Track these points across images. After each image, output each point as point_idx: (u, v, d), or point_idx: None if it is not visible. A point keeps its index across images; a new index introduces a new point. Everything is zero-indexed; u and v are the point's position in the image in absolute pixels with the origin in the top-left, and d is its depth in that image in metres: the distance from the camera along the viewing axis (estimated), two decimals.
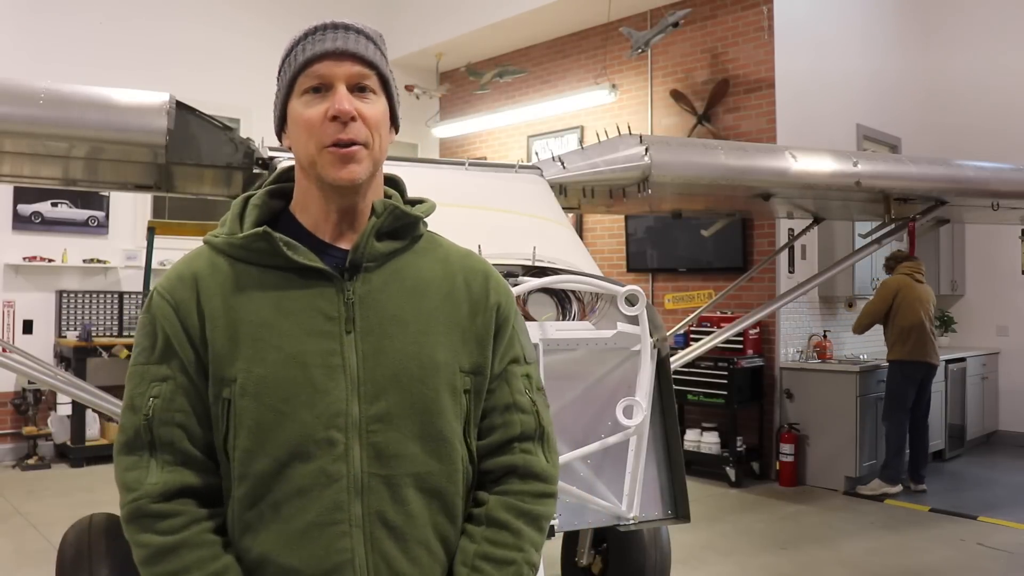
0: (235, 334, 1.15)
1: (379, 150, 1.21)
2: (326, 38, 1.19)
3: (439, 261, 1.29)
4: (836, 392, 6.04)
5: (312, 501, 1.12)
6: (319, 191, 1.21)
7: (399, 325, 1.20)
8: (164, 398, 1.15)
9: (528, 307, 2.57)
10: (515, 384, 1.29)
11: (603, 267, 4.88)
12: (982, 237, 8.10)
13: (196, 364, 1.16)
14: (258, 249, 1.19)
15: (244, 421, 1.13)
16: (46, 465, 6.37)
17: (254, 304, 1.17)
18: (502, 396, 1.27)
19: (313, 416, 1.13)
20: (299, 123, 1.19)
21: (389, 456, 1.15)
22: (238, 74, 7.38)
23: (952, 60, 8.39)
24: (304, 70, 1.19)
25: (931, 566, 4.38)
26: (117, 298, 6.89)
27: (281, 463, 1.12)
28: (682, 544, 4.16)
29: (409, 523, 1.16)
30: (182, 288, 1.19)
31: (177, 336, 1.17)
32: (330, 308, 1.18)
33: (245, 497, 1.14)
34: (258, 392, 1.13)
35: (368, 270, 1.21)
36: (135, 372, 1.20)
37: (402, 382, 1.17)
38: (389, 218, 1.23)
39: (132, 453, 1.16)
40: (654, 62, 7.17)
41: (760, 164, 3.77)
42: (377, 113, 1.20)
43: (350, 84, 1.18)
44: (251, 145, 2.97)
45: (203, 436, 1.17)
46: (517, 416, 1.27)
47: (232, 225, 1.23)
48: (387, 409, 1.16)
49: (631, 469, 2.47)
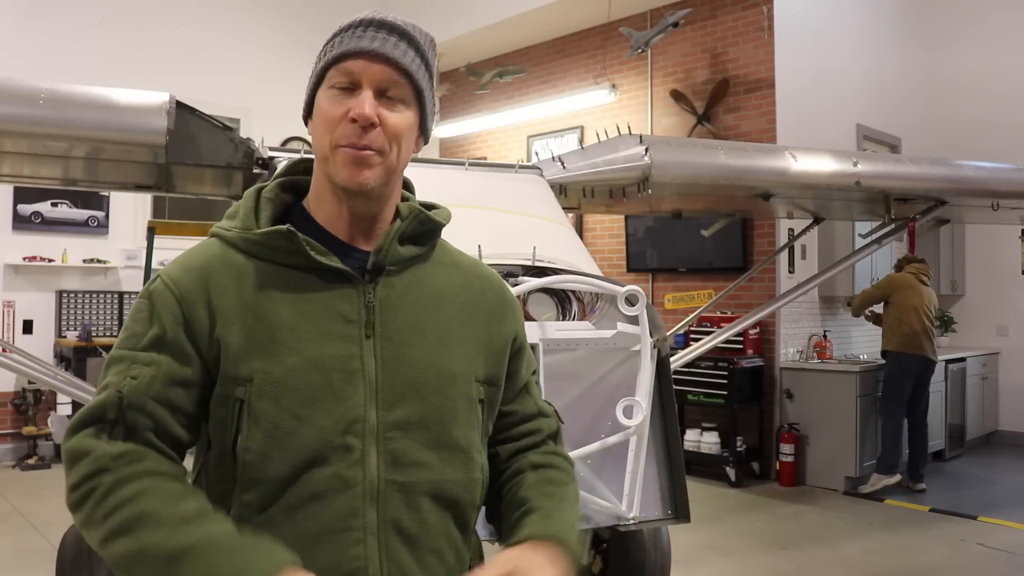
0: (251, 333, 1.11)
1: (396, 159, 1.16)
2: (365, 36, 1.13)
3: (454, 270, 1.27)
4: (836, 392, 6.04)
5: (327, 506, 1.09)
6: (332, 190, 1.18)
7: (418, 333, 1.18)
8: (143, 382, 1.08)
9: (528, 307, 2.56)
10: (536, 393, 1.35)
11: (603, 267, 4.86)
12: (982, 237, 8.10)
13: (194, 360, 1.11)
14: (278, 247, 1.15)
15: (261, 423, 1.09)
16: (46, 465, 6.37)
17: (272, 303, 1.13)
18: (529, 406, 1.32)
19: (332, 421, 1.10)
20: (321, 117, 1.15)
21: (406, 464, 1.13)
22: (238, 74, 7.38)
23: (952, 60, 8.39)
24: (335, 64, 1.14)
25: (931, 566, 4.38)
26: (117, 298, 6.89)
27: (298, 468, 1.09)
28: (682, 544, 4.15)
29: (424, 531, 1.14)
30: (189, 279, 1.14)
31: (175, 329, 1.11)
32: (350, 311, 1.15)
33: (256, 501, 1.09)
34: (277, 394, 1.09)
35: (390, 274, 1.19)
36: (117, 356, 1.12)
37: (420, 391, 1.15)
38: (414, 223, 1.21)
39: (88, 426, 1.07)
40: (654, 62, 7.17)
41: (760, 164, 3.77)
42: (400, 122, 1.15)
43: (379, 88, 1.13)
44: (251, 145, 2.97)
45: (173, 432, 1.10)
46: (544, 422, 1.34)
47: (247, 220, 1.18)
48: (405, 417, 1.14)
49: (631, 469, 2.47)
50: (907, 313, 5.92)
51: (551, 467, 1.28)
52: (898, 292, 5.98)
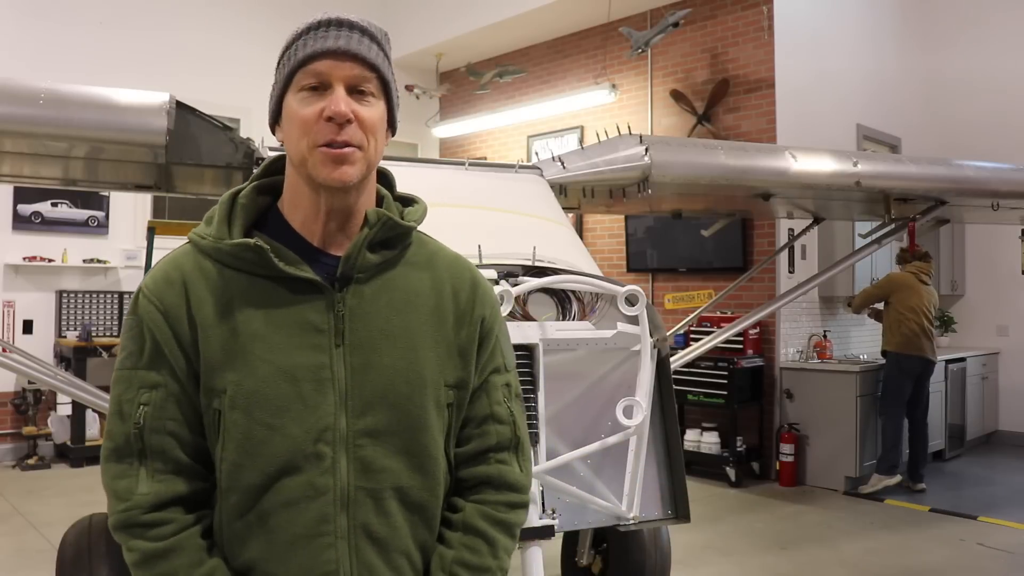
0: (226, 344, 1.14)
1: (374, 152, 1.19)
2: (328, 36, 1.16)
3: (428, 270, 1.27)
4: (836, 392, 6.04)
5: (299, 514, 1.13)
6: (309, 189, 1.19)
7: (388, 340, 1.19)
8: (155, 405, 1.14)
9: (528, 307, 2.56)
10: (494, 395, 1.30)
11: (603, 267, 4.86)
12: (982, 237, 8.10)
13: (187, 371, 1.15)
14: (247, 259, 1.17)
15: (233, 434, 1.12)
16: (46, 465, 6.37)
17: (244, 315, 1.15)
18: (481, 407, 1.28)
19: (303, 431, 1.13)
20: (294, 120, 1.17)
21: (375, 470, 1.16)
22: (238, 74, 7.37)
23: (952, 60, 8.39)
24: (303, 67, 1.16)
25: (931, 566, 4.38)
26: (117, 298, 6.90)
27: (270, 477, 1.12)
28: (682, 544, 4.16)
29: (392, 534, 1.17)
30: (170, 292, 1.17)
31: (167, 343, 1.15)
32: (320, 321, 1.17)
33: (233, 508, 1.14)
34: (248, 406, 1.12)
35: (359, 281, 1.20)
36: (122, 376, 1.17)
37: (389, 399, 1.17)
38: (382, 229, 1.21)
39: (121, 461, 1.15)
40: (654, 62, 7.17)
41: (760, 164, 3.76)
42: (374, 116, 1.17)
43: (349, 85, 1.16)
44: (251, 145, 2.97)
45: (194, 441, 1.16)
46: (494, 427, 1.29)
47: (220, 228, 1.20)
48: (374, 424, 1.16)
49: (631, 469, 2.47)
50: (906, 314, 5.93)
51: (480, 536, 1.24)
52: (898, 292, 5.99)
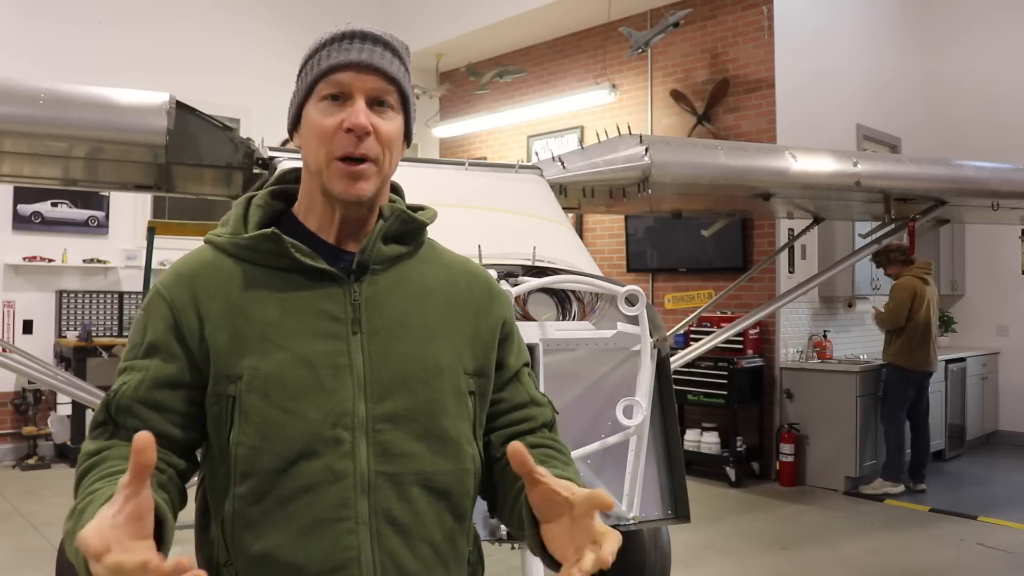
0: (240, 332, 1.15)
1: (389, 167, 1.21)
2: (352, 48, 1.17)
3: (442, 267, 1.30)
4: (836, 392, 6.04)
5: (319, 497, 1.12)
6: (324, 198, 1.21)
7: (404, 328, 1.21)
8: (131, 386, 1.15)
9: (528, 307, 2.56)
10: (528, 382, 1.34)
11: (603, 267, 4.86)
12: (982, 237, 8.10)
13: (183, 361, 1.16)
14: (265, 250, 1.19)
15: (251, 417, 1.13)
16: (46, 465, 6.37)
17: (260, 304, 1.17)
18: (520, 394, 1.32)
19: (321, 415, 1.14)
20: (313, 129, 1.18)
21: (396, 455, 1.16)
22: (238, 74, 7.38)
23: (952, 60, 8.39)
24: (325, 76, 1.18)
25: (931, 566, 4.38)
26: (117, 298, 6.90)
27: (288, 460, 1.13)
28: (682, 544, 4.15)
29: (416, 521, 1.17)
30: (179, 286, 1.19)
31: (166, 333, 1.17)
32: (336, 309, 1.19)
33: (250, 493, 1.13)
34: (266, 389, 1.13)
35: (375, 272, 1.22)
36: (122, 367, 1.20)
37: (408, 383, 1.19)
38: (396, 222, 1.24)
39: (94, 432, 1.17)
40: (654, 62, 7.17)
41: (760, 164, 3.76)
42: (392, 130, 1.19)
43: (370, 98, 1.17)
44: (251, 145, 2.97)
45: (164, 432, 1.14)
46: (538, 410, 1.33)
47: (236, 225, 1.23)
48: (393, 409, 1.17)
49: (631, 469, 2.47)
50: (922, 331, 5.86)
51: (548, 447, 1.28)
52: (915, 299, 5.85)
